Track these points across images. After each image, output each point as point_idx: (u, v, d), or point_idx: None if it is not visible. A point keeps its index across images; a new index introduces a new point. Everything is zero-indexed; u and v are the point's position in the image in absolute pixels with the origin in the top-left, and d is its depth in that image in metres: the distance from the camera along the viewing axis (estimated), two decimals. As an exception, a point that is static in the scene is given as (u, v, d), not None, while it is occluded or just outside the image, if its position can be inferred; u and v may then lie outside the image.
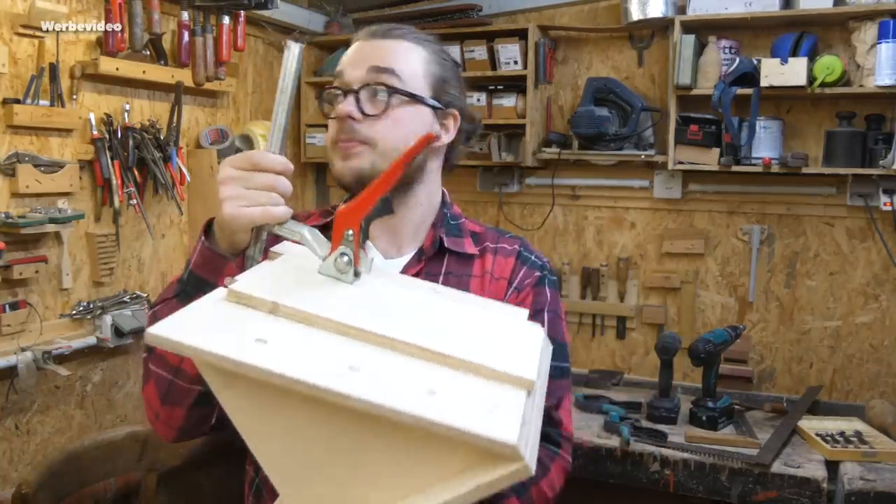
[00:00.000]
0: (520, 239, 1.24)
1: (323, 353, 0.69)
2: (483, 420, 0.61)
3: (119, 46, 2.23)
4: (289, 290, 0.77)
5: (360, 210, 0.83)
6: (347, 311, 0.75)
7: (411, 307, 0.85)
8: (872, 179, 2.56)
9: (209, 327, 0.68)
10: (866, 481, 1.83)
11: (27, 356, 2.04)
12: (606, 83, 2.82)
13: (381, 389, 0.63)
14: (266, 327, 0.71)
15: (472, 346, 0.75)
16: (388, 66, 1.08)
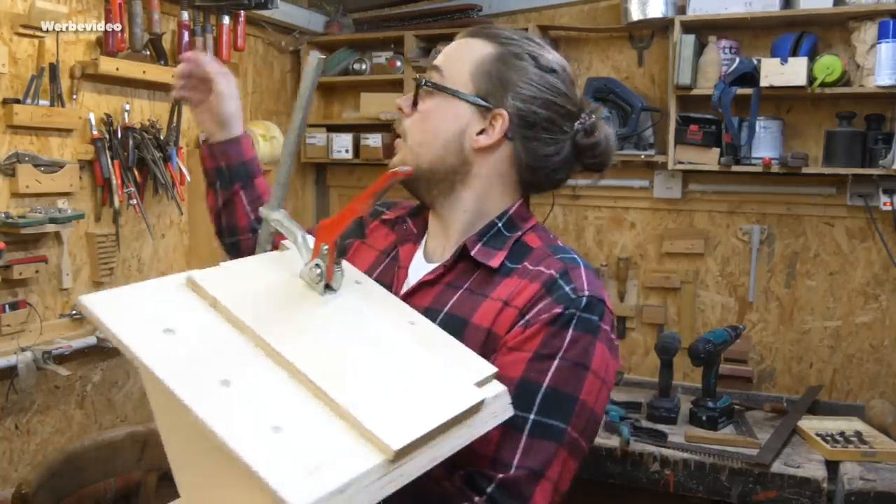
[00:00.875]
0: (569, 262, 0.99)
1: (210, 359, 0.70)
2: (292, 474, 0.60)
3: (119, 46, 2.24)
4: (242, 291, 0.80)
5: (336, 227, 0.84)
6: (275, 325, 0.76)
7: (348, 337, 0.81)
8: (872, 179, 2.56)
9: (134, 307, 0.73)
10: (866, 481, 1.83)
11: (27, 356, 2.04)
12: (606, 83, 2.82)
13: (227, 411, 0.64)
14: (186, 320, 0.74)
15: (367, 394, 0.71)
16: (440, 65, 1.04)
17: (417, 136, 1.04)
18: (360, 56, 3.25)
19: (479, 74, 1.02)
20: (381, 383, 0.74)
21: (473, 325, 0.95)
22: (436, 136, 1.03)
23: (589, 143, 1.08)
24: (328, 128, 3.28)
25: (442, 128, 1.03)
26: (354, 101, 3.33)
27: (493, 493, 0.85)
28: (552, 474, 0.88)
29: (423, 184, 1.05)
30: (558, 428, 0.88)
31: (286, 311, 0.81)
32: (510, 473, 0.85)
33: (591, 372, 0.92)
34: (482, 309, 0.96)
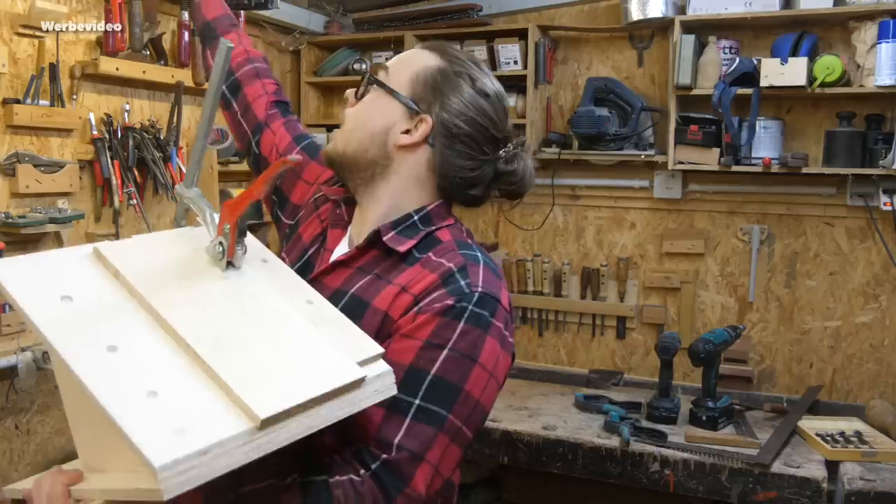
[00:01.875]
0: (469, 259, 1.04)
1: (100, 326, 0.75)
2: (158, 435, 0.64)
3: (119, 46, 2.24)
4: (146, 263, 0.85)
5: (237, 208, 0.90)
6: (170, 296, 0.81)
7: (240, 312, 0.85)
8: (872, 179, 2.56)
9: (39, 274, 0.77)
10: (866, 481, 1.83)
11: (27, 356, 2.04)
12: (606, 83, 2.82)
13: (107, 374, 0.69)
14: (85, 289, 0.78)
15: (246, 366, 0.75)
16: (388, 65, 1.13)
17: (350, 123, 1.12)
18: (360, 56, 3.25)
19: (418, 81, 1.11)
20: (262, 356, 0.79)
21: (373, 307, 1.01)
22: (365, 126, 1.11)
23: (508, 170, 1.19)
24: (328, 128, 3.28)
25: (373, 120, 1.11)
26: (354, 101, 3.32)
27: (376, 469, 0.91)
28: (432, 458, 0.93)
29: (347, 170, 1.13)
30: (440, 415, 0.93)
31: (185, 285, 0.86)
32: (392, 454, 0.91)
33: (479, 365, 0.96)
34: (383, 293, 1.02)
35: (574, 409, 2.32)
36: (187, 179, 1.01)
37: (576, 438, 2.05)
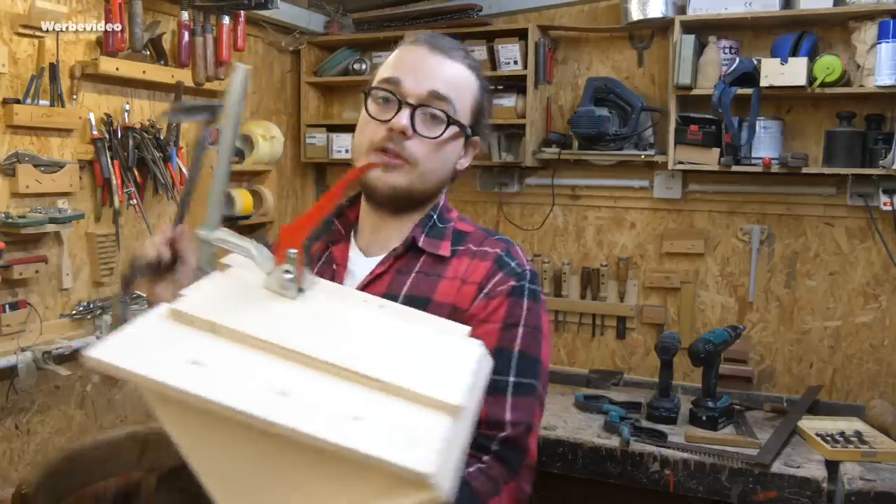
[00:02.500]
0: (507, 242, 1.16)
1: (254, 376, 0.70)
2: (403, 449, 0.63)
3: (119, 46, 2.24)
4: (230, 308, 0.79)
5: (303, 230, 0.85)
6: (284, 331, 0.76)
7: (348, 326, 0.85)
8: (872, 179, 2.56)
9: (145, 349, 0.70)
10: (866, 481, 1.83)
11: (27, 356, 2.04)
12: (606, 83, 2.82)
13: (306, 416, 0.64)
14: (202, 348, 0.72)
15: (402, 368, 0.75)
16: (448, 95, 1.10)
17: (431, 163, 1.10)
18: (360, 56, 3.25)
19: (475, 109, 1.15)
20: (402, 357, 0.79)
21: (437, 302, 1.06)
22: (444, 166, 1.13)
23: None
24: (328, 128, 3.28)
25: (451, 158, 1.14)
26: (354, 101, 3.33)
27: (497, 450, 0.97)
28: (537, 425, 1.04)
29: (410, 202, 1.13)
30: (532, 385, 1.04)
31: (281, 318, 0.81)
32: (508, 431, 0.99)
33: (543, 335, 1.09)
34: (441, 287, 1.08)
35: (574, 408, 2.32)
36: (210, 222, 0.92)
37: (576, 438, 2.05)
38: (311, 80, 3.26)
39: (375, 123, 1.10)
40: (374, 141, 1.09)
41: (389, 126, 1.07)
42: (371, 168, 1.00)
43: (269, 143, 2.92)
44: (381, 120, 1.09)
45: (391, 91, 1.09)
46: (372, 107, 1.11)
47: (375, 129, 1.09)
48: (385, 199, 1.11)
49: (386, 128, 1.08)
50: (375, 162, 1.01)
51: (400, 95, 1.09)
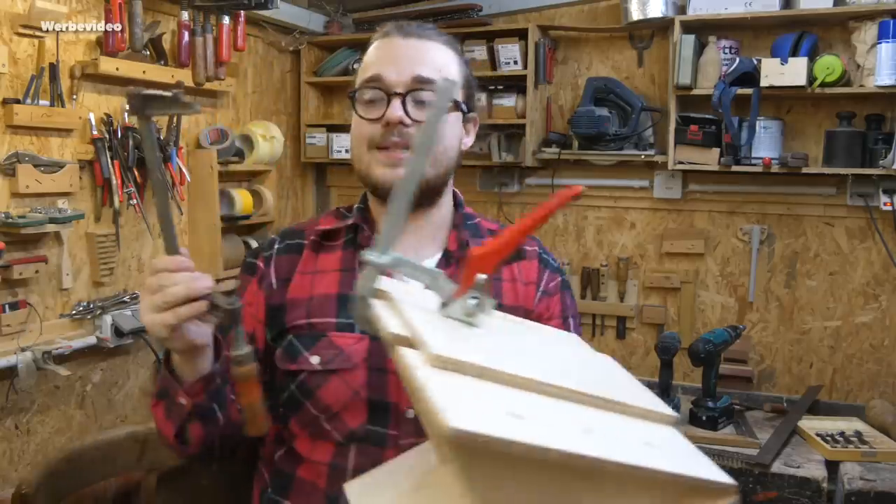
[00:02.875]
0: (535, 239, 1.21)
1: (558, 418, 0.70)
2: (700, 466, 0.68)
3: (119, 46, 2.24)
4: (471, 346, 0.73)
5: (495, 256, 0.80)
6: (525, 365, 0.74)
7: (545, 351, 0.86)
8: (872, 179, 2.56)
9: (479, 409, 0.63)
10: (866, 481, 1.83)
11: (27, 356, 2.04)
12: (606, 83, 2.82)
13: (615, 447, 0.67)
14: (500, 397, 0.68)
15: (617, 388, 0.78)
16: (432, 76, 1.07)
17: (437, 147, 1.07)
18: (360, 56, 3.25)
19: (464, 84, 1.12)
20: (602, 377, 0.82)
21: (507, 306, 1.07)
22: (449, 148, 1.11)
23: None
24: (328, 128, 3.28)
25: (454, 139, 1.12)
26: (354, 101, 3.32)
27: None
28: None
29: (425, 193, 1.09)
30: None
31: (509, 351, 0.80)
32: None
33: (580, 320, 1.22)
34: (505, 291, 1.11)
35: (574, 409, 2.33)
36: (382, 245, 0.80)
37: (576, 438, 2.05)
38: (311, 80, 3.26)
39: (369, 123, 1.08)
40: (372, 138, 1.07)
41: (385, 120, 1.05)
42: (574, 196, 0.84)
43: (269, 143, 2.92)
44: (374, 118, 1.07)
45: (376, 87, 1.08)
46: (361, 109, 1.09)
47: (371, 129, 1.08)
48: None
49: (381, 124, 1.06)
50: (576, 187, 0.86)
51: (385, 89, 1.07)
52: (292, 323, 1.08)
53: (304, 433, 1.07)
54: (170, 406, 1.00)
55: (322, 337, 1.06)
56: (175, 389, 0.98)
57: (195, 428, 1.01)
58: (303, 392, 1.05)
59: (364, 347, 1.04)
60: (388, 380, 1.03)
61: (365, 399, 1.03)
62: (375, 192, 1.12)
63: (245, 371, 0.93)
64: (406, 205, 0.80)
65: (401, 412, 1.03)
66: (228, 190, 2.79)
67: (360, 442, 1.03)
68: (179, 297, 0.89)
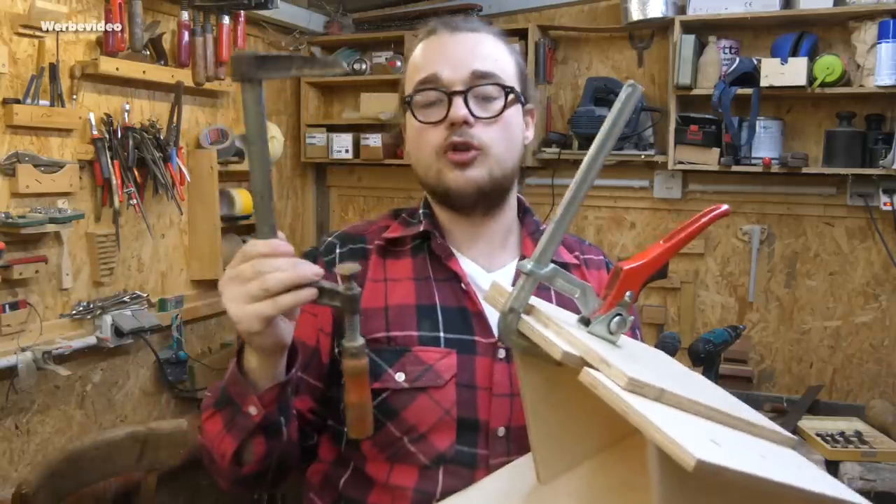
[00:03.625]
0: (597, 247, 1.19)
1: (737, 444, 0.71)
2: (847, 490, 0.74)
3: (119, 46, 2.24)
4: (639, 367, 0.72)
5: (646, 272, 0.78)
6: (681, 387, 0.74)
7: (670, 368, 0.86)
8: (872, 179, 2.56)
9: (696, 437, 0.64)
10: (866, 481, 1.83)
11: (27, 356, 2.04)
12: (606, 83, 2.82)
13: (789, 473, 0.70)
14: (696, 425, 0.69)
15: (736, 406, 0.81)
16: (490, 69, 1.02)
17: (502, 145, 1.02)
18: (361, 56, 3.25)
19: (519, 74, 1.06)
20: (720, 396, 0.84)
21: None
22: (515, 143, 1.05)
23: None
24: (328, 128, 3.28)
25: (519, 133, 1.06)
26: (354, 101, 3.33)
27: None
28: None
29: (497, 194, 1.04)
30: None
31: (665, 372, 0.80)
32: None
33: None
34: None
35: (574, 409, 2.33)
36: (543, 256, 0.75)
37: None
38: (311, 80, 3.26)
39: (432, 127, 1.01)
40: (438, 144, 1.01)
41: (449, 121, 0.99)
42: (723, 214, 0.87)
43: (269, 143, 2.91)
44: (437, 121, 1.01)
45: (434, 88, 1.01)
46: (420, 113, 1.03)
47: (434, 134, 1.01)
48: (472, 201, 1.02)
49: (445, 126, 1.00)
50: (725, 207, 0.87)
51: (444, 88, 1.01)
52: (369, 335, 0.97)
53: (380, 456, 0.98)
54: (233, 416, 0.88)
55: (406, 352, 0.98)
56: (246, 396, 0.87)
57: (258, 444, 0.90)
58: (384, 412, 0.96)
59: (453, 363, 0.97)
60: (477, 396, 0.97)
61: (455, 418, 0.96)
62: (447, 198, 1.04)
63: (358, 365, 0.83)
64: (568, 215, 0.76)
65: (491, 430, 0.96)
66: (228, 190, 2.79)
67: (449, 463, 0.95)
68: (284, 283, 0.77)
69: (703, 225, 0.82)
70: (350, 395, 0.84)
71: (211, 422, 0.92)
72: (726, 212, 0.84)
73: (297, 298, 0.78)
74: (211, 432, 0.92)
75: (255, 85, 0.78)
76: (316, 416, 1.04)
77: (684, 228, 0.81)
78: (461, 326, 0.99)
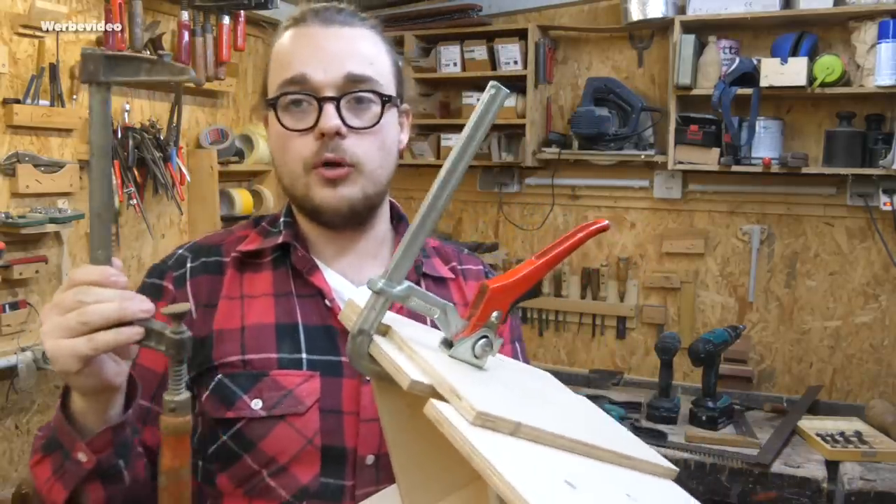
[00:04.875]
0: (476, 257, 1.10)
1: (601, 484, 0.66)
2: None
3: (119, 46, 2.24)
4: (497, 397, 0.68)
5: (516, 291, 0.72)
6: (545, 418, 0.69)
7: (541, 394, 0.80)
8: (872, 179, 2.56)
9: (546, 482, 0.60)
10: (866, 481, 1.83)
11: (27, 356, 2.04)
12: (606, 83, 2.82)
13: None
14: (546, 461, 0.64)
15: (613, 436, 0.76)
16: (366, 72, 0.91)
17: (377, 157, 0.92)
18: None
19: (395, 73, 0.96)
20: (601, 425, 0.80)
21: None
22: (390, 154, 0.95)
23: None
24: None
25: (394, 141, 0.96)
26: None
27: None
28: None
29: (366, 210, 0.94)
30: None
31: (527, 400, 0.75)
32: None
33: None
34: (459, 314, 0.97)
35: (574, 409, 2.33)
36: (396, 273, 0.69)
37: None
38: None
39: (299, 136, 0.90)
40: (307, 157, 0.90)
41: (319, 131, 0.88)
42: (602, 229, 0.78)
43: (269, 143, 2.92)
44: (305, 129, 0.90)
45: (302, 91, 0.90)
46: (286, 118, 0.91)
47: (303, 144, 0.90)
48: (344, 219, 0.92)
49: (314, 136, 0.89)
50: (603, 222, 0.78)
51: (314, 92, 0.89)
52: (222, 360, 0.89)
53: (237, 492, 0.89)
54: (62, 463, 0.78)
55: (263, 376, 0.88)
56: (73, 442, 0.76)
57: (95, 490, 0.79)
58: (240, 443, 0.87)
59: (316, 387, 0.88)
60: (343, 422, 0.88)
61: (319, 447, 0.87)
62: (316, 215, 0.93)
63: (179, 423, 0.71)
64: (426, 227, 0.68)
65: (359, 458, 0.88)
66: (228, 190, 2.79)
67: (313, 498, 0.87)
68: (105, 317, 0.68)
69: (579, 240, 0.74)
70: (165, 459, 0.71)
71: (40, 467, 0.81)
72: (605, 227, 0.76)
73: (117, 338, 0.69)
74: (41, 478, 0.81)
75: (102, 89, 0.71)
76: None
77: (560, 243, 0.74)
78: (326, 346, 0.90)
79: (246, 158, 2.87)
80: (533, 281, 0.72)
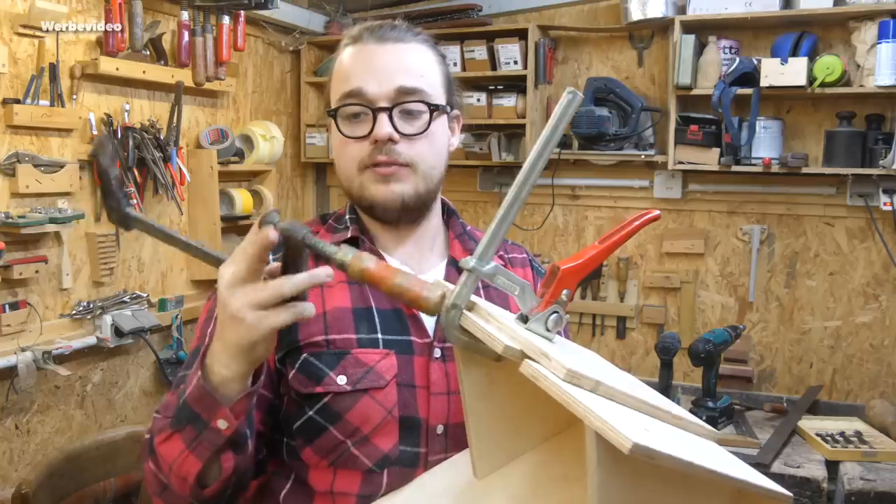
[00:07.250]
0: (521, 245, 1.22)
1: (665, 433, 0.75)
2: (764, 479, 0.77)
3: (119, 46, 2.24)
4: (576, 361, 0.75)
5: (583, 272, 0.80)
6: (613, 380, 0.77)
7: (599, 363, 0.90)
8: (872, 179, 2.56)
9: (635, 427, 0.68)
10: (866, 481, 1.83)
11: (27, 356, 2.04)
12: (606, 83, 2.82)
13: (713, 460, 0.74)
14: (629, 414, 0.73)
15: (661, 398, 0.85)
16: (416, 84, 1.02)
17: (430, 159, 1.03)
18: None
19: (445, 82, 1.08)
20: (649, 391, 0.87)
21: None
22: (441, 155, 1.06)
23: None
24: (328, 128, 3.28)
25: (444, 143, 1.07)
26: (354, 101, 3.32)
27: None
28: None
29: (421, 206, 1.05)
30: None
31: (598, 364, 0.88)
32: None
33: None
34: (512, 301, 1.02)
35: (574, 409, 2.33)
36: (485, 254, 0.77)
37: (576, 438, 2.05)
38: (311, 80, 3.26)
39: (356, 142, 1.02)
40: (362, 159, 1.01)
41: (373, 138, 1.00)
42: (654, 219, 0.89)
43: (269, 143, 2.92)
44: (361, 136, 1.01)
45: (358, 104, 1.01)
46: (345, 126, 1.03)
47: (358, 148, 1.02)
48: (397, 214, 1.03)
49: (369, 142, 1.00)
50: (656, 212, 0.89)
51: (369, 103, 1.01)
52: (307, 340, 0.98)
53: (322, 463, 0.97)
54: (195, 435, 0.83)
55: (346, 354, 0.97)
56: (216, 409, 0.81)
57: (227, 459, 0.85)
58: (326, 416, 0.96)
59: (392, 363, 0.98)
60: (416, 395, 0.98)
61: (397, 418, 0.96)
62: (371, 211, 1.05)
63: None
64: (509, 214, 0.79)
65: (430, 428, 0.98)
66: (228, 190, 2.79)
67: (393, 465, 0.96)
68: (298, 287, 0.75)
69: (635, 228, 0.83)
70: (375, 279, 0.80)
71: (167, 444, 0.85)
72: (657, 216, 0.86)
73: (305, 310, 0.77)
74: (169, 455, 0.85)
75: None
76: (265, 428, 1.00)
77: (618, 231, 0.83)
78: (397, 328, 1.00)
79: (246, 158, 2.87)
80: (596, 263, 0.81)
